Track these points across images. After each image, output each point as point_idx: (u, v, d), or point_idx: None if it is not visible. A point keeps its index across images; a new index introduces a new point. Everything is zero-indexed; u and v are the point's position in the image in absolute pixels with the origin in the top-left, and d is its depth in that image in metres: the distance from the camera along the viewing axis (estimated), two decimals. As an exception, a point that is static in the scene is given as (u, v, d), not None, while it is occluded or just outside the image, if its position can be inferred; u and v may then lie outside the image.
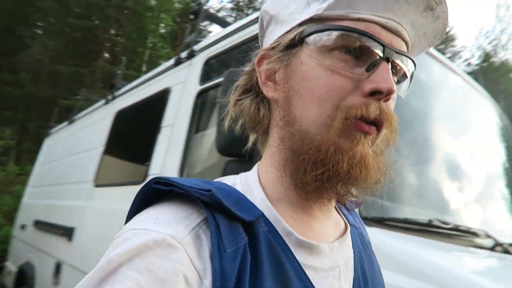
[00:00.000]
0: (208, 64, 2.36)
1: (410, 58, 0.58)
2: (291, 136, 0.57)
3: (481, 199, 2.00)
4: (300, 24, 0.58)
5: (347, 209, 0.72)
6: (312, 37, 0.56)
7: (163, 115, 2.59)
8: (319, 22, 0.56)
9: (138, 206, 0.53)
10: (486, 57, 29.31)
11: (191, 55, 2.53)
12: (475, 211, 1.90)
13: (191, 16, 2.65)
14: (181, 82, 2.54)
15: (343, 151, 0.53)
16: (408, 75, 0.60)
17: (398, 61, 0.57)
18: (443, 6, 0.56)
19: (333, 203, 0.64)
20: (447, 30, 0.62)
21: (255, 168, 0.64)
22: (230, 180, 0.62)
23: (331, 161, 0.53)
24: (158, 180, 0.51)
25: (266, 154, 0.64)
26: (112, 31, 19.09)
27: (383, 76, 0.53)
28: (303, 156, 0.55)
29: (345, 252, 0.62)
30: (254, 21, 2.07)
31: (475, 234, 1.63)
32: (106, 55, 18.79)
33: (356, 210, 0.77)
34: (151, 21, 18.68)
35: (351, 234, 0.66)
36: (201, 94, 2.30)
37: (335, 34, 0.54)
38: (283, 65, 0.60)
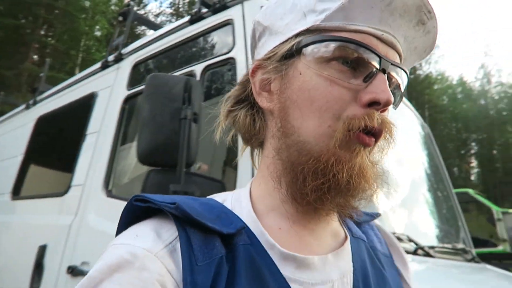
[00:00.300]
0: (137, 68, 2.25)
1: (404, 70, 0.59)
2: (287, 147, 0.57)
3: (405, 204, 2.09)
4: (296, 35, 0.58)
5: (356, 222, 0.69)
6: (310, 48, 0.56)
7: (88, 121, 2.43)
8: (316, 33, 0.56)
9: (126, 223, 0.54)
10: (412, 70, 31.62)
11: (119, 58, 2.40)
12: (398, 216, 1.98)
13: (120, 18, 2.52)
14: (108, 87, 2.40)
15: (343, 162, 0.53)
16: (402, 87, 0.61)
17: (393, 73, 0.57)
18: (434, 21, 0.58)
19: (332, 215, 0.61)
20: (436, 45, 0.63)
21: (249, 182, 0.64)
22: (221, 196, 0.63)
23: (331, 171, 0.52)
24: (138, 198, 0.53)
25: (260, 166, 0.64)
26: (41, 32, 17.90)
27: (380, 87, 0.53)
28: (302, 166, 0.54)
29: (341, 265, 0.58)
30: (185, 24, 2.01)
31: (398, 238, 1.69)
32: (35, 56, 17.57)
33: (372, 222, 0.73)
34: (84, 23, 17.81)
35: (354, 247, 0.63)
36: (129, 100, 2.19)
37: (333, 45, 0.54)
38: (279, 75, 0.59)
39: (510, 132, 33.28)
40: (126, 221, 0.55)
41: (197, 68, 1.78)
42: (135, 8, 2.64)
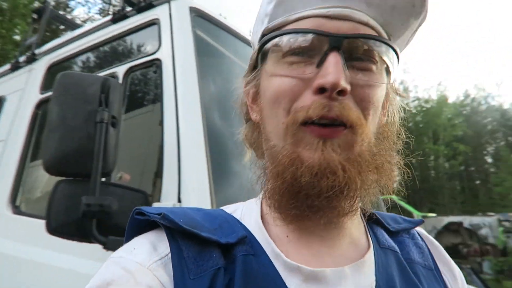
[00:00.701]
0: (52, 69, 2.04)
1: (372, 38, 0.51)
2: (268, 153, 0.55)
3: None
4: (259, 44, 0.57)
5: (389, 230, 0.63)
6: (262, 52, 0.56)
7: (-6, 129, 2.15)
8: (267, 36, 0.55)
9: (132, 235, 0.53)
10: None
11: (32, 59, 2.17)
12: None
13: (34, 16, 2.29)
14: (18, 90, 2.15)
15: (302, 161, 0.48)
16: (385, 56, 0.53)
17: (359, 43, 0.51)
18: None
19: (345, 221, 0.55)
20: None
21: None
22: (232, 207, 0.61)
23: (288, 173, 0.49)
24: (138, 211, 0.52)
25: None
26: None
27: (328, 69, 0.48)
28: (276, 171, 0.51)
29: (361, 280, 0.51)
30: (107, 23, 1.85)
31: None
32: None
33: (413, 230, 0.67)
34: (1, 25, 16.37)
35: (379, 258, 0.55)
36: (42, 104, 1.97)
37: (274, 42, 0.53)
38: (257, 86, 0.59)
39: (426, 143, 36.32)
40: (132, 233, 0.54)
41: (120, 70, 1.64)
42: (62, 13, 2.42)
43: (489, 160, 44.15)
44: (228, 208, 0.60)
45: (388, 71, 0.55)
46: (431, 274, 0.61)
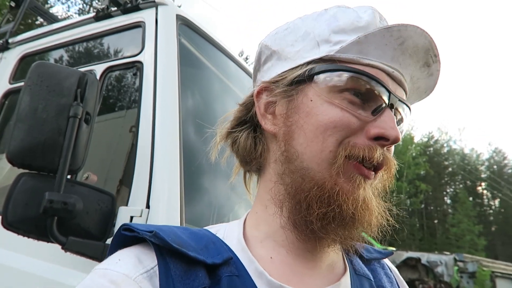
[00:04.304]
0: (25, 60, 1.96)
1: (409, 108, 0.61)
2: (291, 173, 0.56)
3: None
4: (308, 63, 0.58)
5: (364, 258, 0.67)
6: (322, 76, 0.56)
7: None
8: (328, 62, 0.57)
9: (114, 250, 0.54)
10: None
11: (5, 47, 2.08)
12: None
13: (12, 3, 2.21)
14: (-14, 78, 2.04)
15: (347, 193, 0.52)
16: (404, 123, 0.63)
17: (400, 109, 0.59)
18: (438, 64, 0.59)
19: (333, 247, 0.59)
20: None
21: (247, 211, 0.64)
22: (216, 227, 0.62)
23: (336, 201, 0.52)
24: (126, 227, 0.53)
25: (259, 191, 0.63)
26: None
27: (390, 123, 0.54)
28: (306, 194, 0.54)
29: None
30: (89, 20, 1.81)
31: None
32: None
33: (386, 260, 0.73)
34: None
35: (355, 284, 0.59)
36: (10, 95, 1.88)
37: (346, 75, 0.55)
38: (286, 100, 0.60)
39: (391, 177, 37.28)
40: (117, 248, 0.54)
41: (98, 68, 1.59)
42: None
43: (448, 201, 45.84)
44: (212, 229, 0.61)
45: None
46: None
